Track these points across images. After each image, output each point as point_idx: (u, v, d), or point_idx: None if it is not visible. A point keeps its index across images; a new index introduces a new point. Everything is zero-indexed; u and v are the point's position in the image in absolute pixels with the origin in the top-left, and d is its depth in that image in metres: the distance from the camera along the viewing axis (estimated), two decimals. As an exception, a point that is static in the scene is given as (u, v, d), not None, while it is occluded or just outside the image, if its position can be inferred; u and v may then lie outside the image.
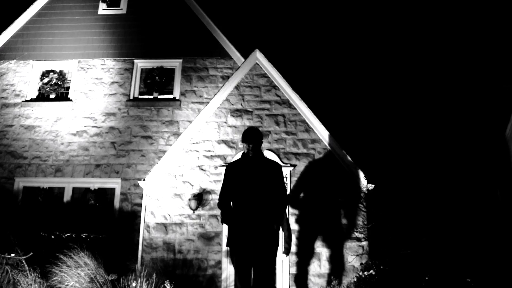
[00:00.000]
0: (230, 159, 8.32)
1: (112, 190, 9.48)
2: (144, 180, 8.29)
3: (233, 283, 3.93)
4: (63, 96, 10.31)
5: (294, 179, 8.13)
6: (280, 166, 4.35)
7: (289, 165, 8.19)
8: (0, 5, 12.43)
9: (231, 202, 4.17)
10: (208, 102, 8.74)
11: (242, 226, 3.98)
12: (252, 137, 4.33)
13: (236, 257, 4.01)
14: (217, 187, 8.19)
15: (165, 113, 9.91)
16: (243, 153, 4.37)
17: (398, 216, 7.06)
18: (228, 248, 4.10)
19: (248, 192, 4.05)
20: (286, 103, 8.64)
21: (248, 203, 4.03)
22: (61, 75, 10.36)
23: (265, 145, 8.16)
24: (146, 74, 10.30)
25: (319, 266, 7.66)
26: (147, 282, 6.69)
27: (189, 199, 8.08)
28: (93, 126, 9.90)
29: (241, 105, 8.68)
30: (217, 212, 7.94)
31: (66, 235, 8.06)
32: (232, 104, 8.70)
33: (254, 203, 4.03)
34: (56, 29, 10.72)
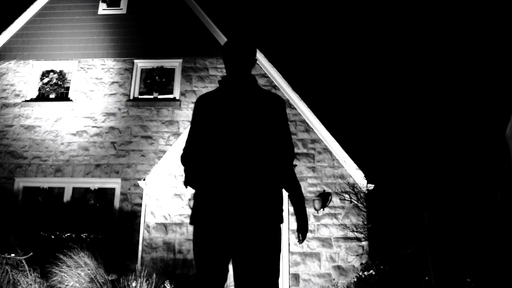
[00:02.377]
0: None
1: (112, 190, 9.47)
2: (144, 180, 8.29)
3: (232, 283, 2.48)
4: (63, 96, 10.30)
5: (294, 179, 8.11)
6: (284, 102, 2.67)
7: (289, 165, 8.18)
8: (0, 5, 12.43)
9: (203, 155, 2.54)
10: (208, 102, 8.73)
11: (220, 191, 2.41)
12: (239, 50, 2.68)
13: (205, 243, 2.46)
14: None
15: (165, 113, 9.91)
16: (224, 77, 2.68)
17: (398, 216, 7.06)
18: (192, 228, 2.56)
19: (231, 138, 2.47)
20: (286, 103, 8.64)
21: (232, 155, 2.45)
22: (61, 75, 10.35)
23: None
24: (146, 74, 10.30)
25: (319, 266, 7.66)
26: (147, 282, 6.70)
27: (189, 199, 8.08)
28: (93, 126, 9.89)
29: (241, 105, 8.67)
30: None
31: (66, 235, 8.06)
32: (232, 104, 8.70)
33: (242, 155, 2.45)
34: (56, 29, 10.72)
